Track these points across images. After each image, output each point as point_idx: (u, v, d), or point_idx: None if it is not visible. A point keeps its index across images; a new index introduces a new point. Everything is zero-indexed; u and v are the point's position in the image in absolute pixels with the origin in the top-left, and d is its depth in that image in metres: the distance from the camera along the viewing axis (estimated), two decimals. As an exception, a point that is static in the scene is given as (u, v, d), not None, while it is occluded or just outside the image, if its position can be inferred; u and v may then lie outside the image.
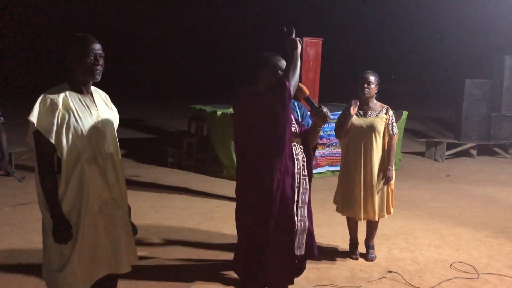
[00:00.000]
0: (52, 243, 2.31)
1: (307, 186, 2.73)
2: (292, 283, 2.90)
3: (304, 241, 2.74)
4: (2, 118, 3.91)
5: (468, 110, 9.26)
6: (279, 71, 2.65)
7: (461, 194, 6.70)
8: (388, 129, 4.12)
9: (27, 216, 5.00)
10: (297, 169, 2.63)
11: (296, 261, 2.82)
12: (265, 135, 2.53)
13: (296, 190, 2.64)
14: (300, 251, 2.74)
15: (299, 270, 2.94)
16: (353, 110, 3.97)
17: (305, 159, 2.71)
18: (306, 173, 2.71)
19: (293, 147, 2.63)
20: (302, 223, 2.71)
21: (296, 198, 2.65)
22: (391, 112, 4.16)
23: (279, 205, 2.57)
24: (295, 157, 2.62)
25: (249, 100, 2.62)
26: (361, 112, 4.09)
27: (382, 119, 4.07)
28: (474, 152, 9.57)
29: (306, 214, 2.72)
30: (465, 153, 9.60)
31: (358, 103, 4.04)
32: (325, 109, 2.61)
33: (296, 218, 2.66)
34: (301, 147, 2.71)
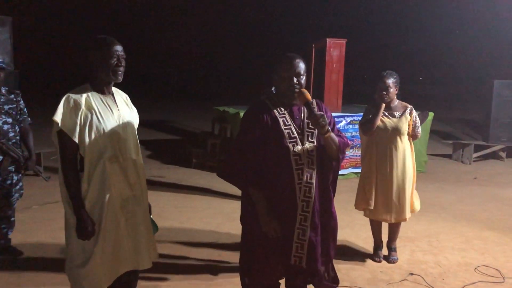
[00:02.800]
0: (75, 239, 2.38)
1: (312, 194, 2.55)
2: None
3: (304, 252, 2.58)
4: (29, 119, 4.04)
5: (497, 112, 9.05)
6: (288, 76, 2.50)
7: (489, 197, 6.54)
8: (414, 130, 4.06)
9: (54, 214, 5.15)
10: (298, 180, 2.52)
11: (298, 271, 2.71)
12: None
13: (297, 199, 2.53)
14: (299, 261, 2.60)
15: (317, 279, 2.76)
16: None
17: (314, 166, 2.58)
18: (312, 181, 2.56)
19: (294, 157, 2.53)
20: (301, 231, 2.56)
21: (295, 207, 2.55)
22: (415, 113, 4.10)
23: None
24: (294, 169, 2.52)
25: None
26: (386, 113, 4.04)
27: (406, 119, 4.02)
28: (503, 154, 9.35)
29: (308, 224, 2.56)
30: (494, 156, 9.39)
31: None
32: (318, 116, 2.45)
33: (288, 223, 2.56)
34: (312, 155, 2.57)
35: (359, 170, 7.56)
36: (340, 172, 8.12)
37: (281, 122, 2.56)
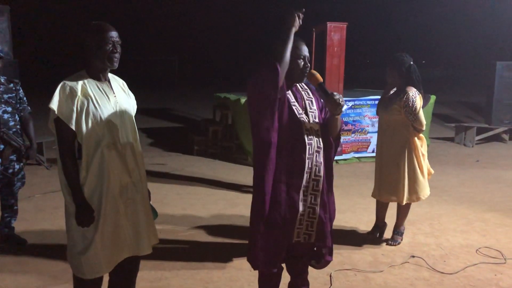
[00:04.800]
0: (75, 226, 2.38)
1: (321, 173, 2.58)
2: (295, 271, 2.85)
3: (314, 229, 2.61)
4: (29, 108, 4.04)
5: (499, 94, 8.99)
6: (303, 56, 2.52)
7: (491, 179, 6.54)
8: (405, 109, 3.92)
9: (57, 202, 5.17)
10: (309, 155, 2.53)
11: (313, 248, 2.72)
12: (256, 124, 2.45)
13: (306, 175, 2.54)
14: (308, 239, 2.62)
15: (320, 258, 2.75)
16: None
17: (321, 145, 2.59)
18: (321, 160, 2.58)
19: (306, 132, 2.53)
20: (311, 210, 2.58)
21: (305, 184, 2.55)
22: (410, 94, 3.91)
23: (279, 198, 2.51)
24: (306, 142, 2.52)
25: (248, 87, 2.52)
26: (387, 96, 4.08)
27: (399, 102, 3.96)
28: (506, 136, 9.32)
29: (318, 202, 2.58)
30: (497, 138, 9.36)
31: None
32: (337, 96, 2.47)
33: (300, 204, 2.54)
34: (318, 134, 2.59)
35: (360, 155, 7.62)
36: (342, 157, 8.15)
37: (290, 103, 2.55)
